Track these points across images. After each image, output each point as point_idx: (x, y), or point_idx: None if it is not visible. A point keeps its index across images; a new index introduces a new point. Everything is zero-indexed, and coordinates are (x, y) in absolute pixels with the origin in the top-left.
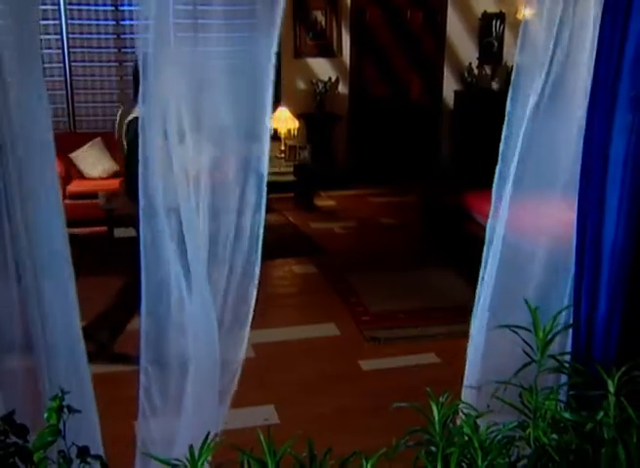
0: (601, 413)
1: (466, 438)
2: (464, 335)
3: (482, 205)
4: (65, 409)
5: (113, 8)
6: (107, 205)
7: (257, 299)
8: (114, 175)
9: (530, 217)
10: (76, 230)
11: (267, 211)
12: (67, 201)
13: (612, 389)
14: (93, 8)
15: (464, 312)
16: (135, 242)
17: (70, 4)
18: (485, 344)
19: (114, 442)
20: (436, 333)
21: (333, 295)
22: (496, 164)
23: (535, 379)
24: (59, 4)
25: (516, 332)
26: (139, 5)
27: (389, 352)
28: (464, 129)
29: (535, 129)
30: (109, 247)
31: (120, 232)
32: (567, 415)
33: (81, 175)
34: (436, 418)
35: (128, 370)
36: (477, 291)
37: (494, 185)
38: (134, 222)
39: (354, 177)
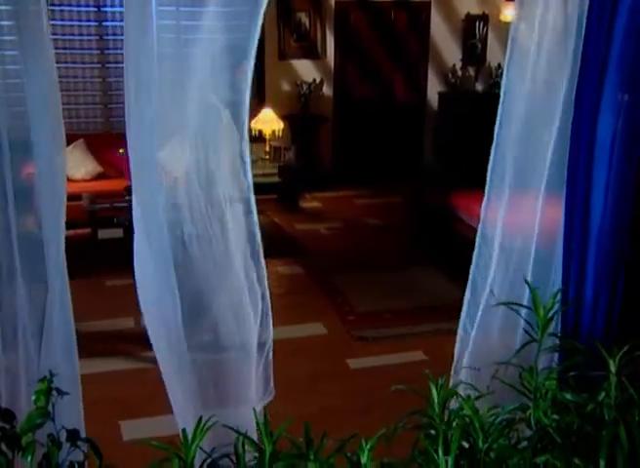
0: (602, 394)
1: (467, 419)
2: (452, 333)
3: (468, 204)
4: (54, 392)
5: (96, 9)
6: (91, 206)
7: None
8: (97, 177)
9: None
10: None
11: None
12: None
13: (613, 369)
14: (75, 9)
15: (451, 310)
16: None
17: (52, 5)
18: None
19: (103, 442)
20: (423, 332)
21: (319, 295)
22: (480, 164)
23: (535, 359)
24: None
25: (515, 310)
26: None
27: (377, 351)
28: (449, 130)
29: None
30: (94, 248)
31: (104, 234)
32: (568, 396)
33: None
34: (435, 400)
35: (111, 371)
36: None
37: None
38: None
39: (339, 179)
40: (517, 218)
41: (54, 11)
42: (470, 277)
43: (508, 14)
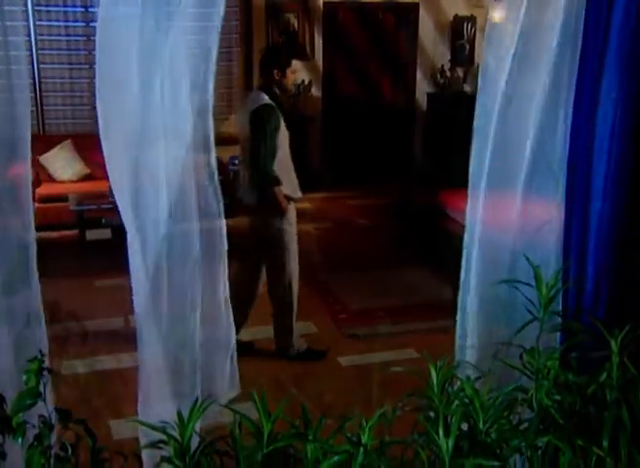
0: (604, 375)
1: (466, 401)
2: (443, 331)
3: (459, 203)
4: (46, 372)
5: (83, 9)
6: (78, 207)
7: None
8: (85, 178)
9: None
10: (48, 234)
11: (241, 213)
12: (37, 204)
13: (615, 349)
14: (62, 9)
15: (442, 308)
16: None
17: (38, 5)
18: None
19: None
20: (416, 329)
21: (310, 294)
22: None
23: (537, 338)
24: (26, 5)
25: (517, 287)
26: None
27: (368, 348)
28: (437, 130)
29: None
30: (82, 249)
31: (92, 235)
32: (570, 377)
33: (51, 179)
34: (435, 381)
35: (102, 370)
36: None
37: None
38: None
39: (328, 180)
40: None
41: (40, 11)
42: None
43: (496, 15)
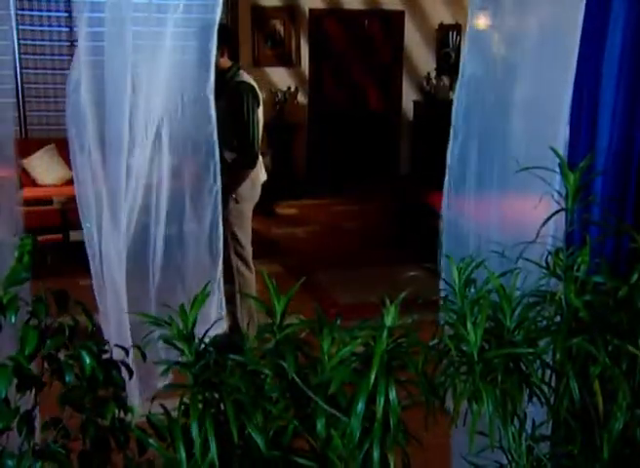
0: (635, 276)
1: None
2: (436, 325)
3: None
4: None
5: (67, 15)
6: (63, 208)
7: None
8: (68, 182)
9: None
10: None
11: None
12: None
13: None
14: (45, 14)
15: (434, 303)
16: None
17: (22, 9)
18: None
19: None
20: (411, 322)
21: (299, 291)
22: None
23: (565, 233)
24: (8, 9)
25: (541, 177)
26: None
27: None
28: (423, 138)
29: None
30: (66, 250)
31: (75, 236)
32: (599, 278)
33: (34, 183)
34: (456, 281)
35: None
36: None
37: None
38: None
39: (314, 186)
40: None
41: (23, 15)
42: None
43: (481, 23)
